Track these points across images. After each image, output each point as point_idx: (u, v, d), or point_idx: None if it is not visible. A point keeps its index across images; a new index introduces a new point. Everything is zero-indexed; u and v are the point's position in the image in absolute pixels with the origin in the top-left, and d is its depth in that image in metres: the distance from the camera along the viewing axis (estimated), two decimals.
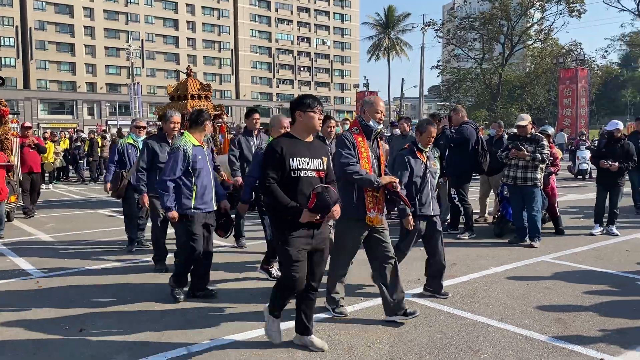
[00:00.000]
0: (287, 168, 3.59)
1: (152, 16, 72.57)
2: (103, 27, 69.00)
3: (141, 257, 6.83)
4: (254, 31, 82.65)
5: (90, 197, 13.88)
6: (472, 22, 47.51)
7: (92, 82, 69.26)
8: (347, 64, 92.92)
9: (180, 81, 12.44)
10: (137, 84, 45.73)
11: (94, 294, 5.29)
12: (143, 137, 7.14)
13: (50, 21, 65.65)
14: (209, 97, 12.23)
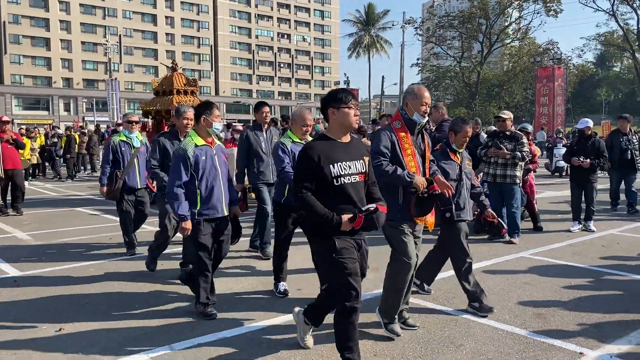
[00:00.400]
0: (329, 176, 3.23)
1: (130, 11, 71.55)
2: (79, 21, 67.80)
3: (123, 257, 6.74)
4: (233, 27, 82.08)
5: (67, 195, 13.66)
6: (452, 20, 47.93)
7: (68, 77, 68.04)
8: (327, 61, 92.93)
9: (165, 76, 12.08)
10: (115, 79, 45.14)
11: (74, 293, 5.21)
12: (136, 132, 6.82)
13: (25, 15, 64.27)
14: (195, 93, 11.87)
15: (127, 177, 6.57)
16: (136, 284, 5.49)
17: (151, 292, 5.19)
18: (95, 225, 8.97)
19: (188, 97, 11.47)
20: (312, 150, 3.25)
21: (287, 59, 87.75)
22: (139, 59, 72.56)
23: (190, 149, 4.37)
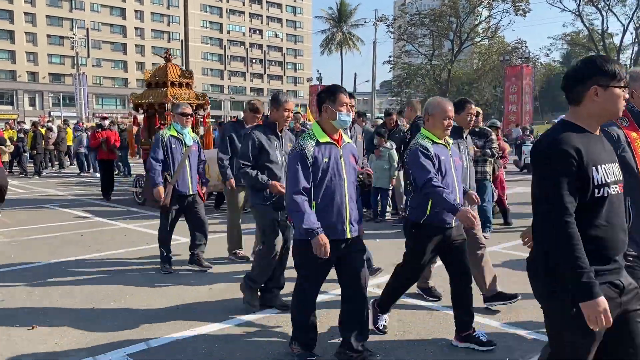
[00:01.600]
0: (590, 185, 2.12)
1: (99, 4, 70.00)
2: (45, 14, 66.04)
3: (96, 254, 6.64)
4: (204, 22, 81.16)
5: (36, 192, 13.34)
6: (423, 18, 48.33)
7: (33, 71, 66.23)
8: (300, 57, 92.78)
9: (159, 66, 11.22)
10: (83, 74, 44.21)
11: (47, 290, 5.12)
12: (188, 127, 5.78)
13: None
14: (190, 85, 11.10)
15: (177, 182, 5.56)
16: (109, 280, 5.41)
17: (127, 287, 5.13)
18: (65, 222, 8.79)
19: (183, 89, 10.77)
20: (568, 145, 2.11)
21: (259, 55, 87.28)
22: (108, 53, 71.13)
23: (310, 147, 3.40)
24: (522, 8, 44.25)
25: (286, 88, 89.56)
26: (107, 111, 66.11)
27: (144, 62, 74.76)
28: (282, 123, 4.68)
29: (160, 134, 5.65)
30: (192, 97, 10.73)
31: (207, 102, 11.06)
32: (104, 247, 6.95)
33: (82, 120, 31.08)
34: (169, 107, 9.95)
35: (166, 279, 5.49)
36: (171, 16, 77.39)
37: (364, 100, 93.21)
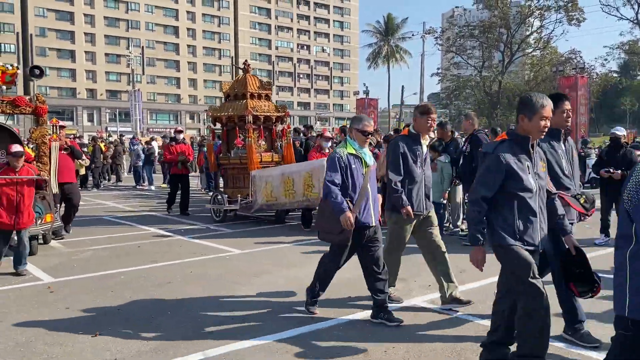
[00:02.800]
0: None
1: (153, 23, 72.84)
2: (104, 33, 69.26)
3: (153, 264, 6.84)
4: (254, 39, 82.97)
5: (94, 204, 13.89)
6: (472, 30, 47.74)
7: (92, 88, 69.39)
8: (346, 71, 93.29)
9: (237, 78, 10.94)
10: (138, 90, 45.98)
11: (108, 298, 5.31)
12: (367, 147, 4.66)
13: (51, 28, 65.87)
14: (269, 97, 10.75)
15: (360, 210, 4.50)
16: (167, 291, 5.56)
17: (183, 299, 5.25)
18: (123, 234, 9.10)
19: (262, 101, 10.44)
20: None
21: (307, 70, 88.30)
22: (161, 70, 73.70)
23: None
24: (576, 17, 43.04)
25: (332, 102, 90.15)
26: (160, 126, 68.46)
27: (196, 78, 77.04)
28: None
29: (337, 152, 4.54)
30: (272, 109, 10.52)
31: (287, 114, 10.78)
32: (162, 257, 7.16)
33: (137, 135, 32.21)
34: (249, 120, 9.88)
35: (221, 290, 5.58)
36: (222, 34, 79.55)
37: (411, 112, 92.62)
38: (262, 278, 6.02)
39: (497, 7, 45.88)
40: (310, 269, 6.34)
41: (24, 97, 8.07)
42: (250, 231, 9.25)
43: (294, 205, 9.19)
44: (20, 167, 6.37)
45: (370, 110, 32.05)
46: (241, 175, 10.16)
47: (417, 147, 4.82)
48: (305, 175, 8.67)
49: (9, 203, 6.24)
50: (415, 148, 4.81)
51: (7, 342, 4.19)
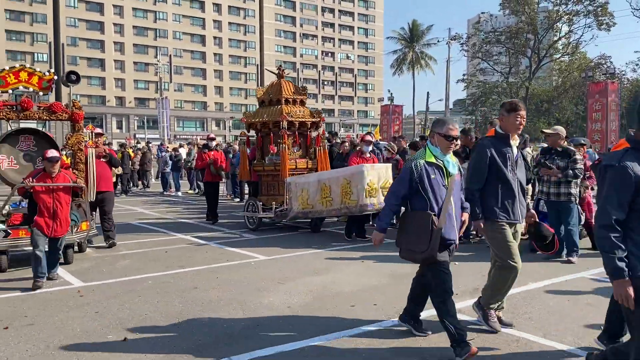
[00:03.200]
0: None
1: (180, 32, 74.06)
2: (132, 42, 70.69)
3: (181, 270, 6.92)
4: (279, 46, 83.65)
5: (123, 210, 14.12)
6: (498, 36, 47.26)
7: (121, 96, 70.79)
8: (371, 78, 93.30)
9: (271, 83, 10.66)
10: (165, 98, 46.72)
11: (136, 303, 5.38)
12: (451, 153, 4.07)
13: (82, 37, 67.52)
14: (304, 102, 10.45)
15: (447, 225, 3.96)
16: (193, 296, 5.61)
17: (209, 305, 5.29)
18: (151, 239, 9.23)
19: (297, 107, 10.21)
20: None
21: (331, 77, 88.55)
22: (188, 78, 74.79)
23: None
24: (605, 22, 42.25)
25: (357, 108, 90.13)
26: (187, 133, 69.44)
27: (222, 86, 77.96)
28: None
29: (413, 161, 4.02)
30: (307, 114, 10.25)
31: (322, 119, 10.46)
32: (188, 263, 7.23)
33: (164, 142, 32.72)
34: (284, 126, 9.73)
35: (247, 296, 5.60)
36: (248, 42, 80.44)
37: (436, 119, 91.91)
38: (287, 285, 6.03)
39: (524, 13, 45.37)
40: (335, 276, 6.35)
41: (60, 103, 8.07)
42: (277, 238, 9.27)
43: (332, 213, 8.98)
44: (57, 173, 6.27)
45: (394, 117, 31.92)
46: (275, 182, 9.98)
47: (506, 149, 4.31)
48: (343, 182, 8.48)
49: (46, 210, 6.17)
50: (505, 150, 4.30)
51: (39, 344, 4.28)
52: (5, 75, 7.62)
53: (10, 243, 6.74)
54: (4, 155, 7.73)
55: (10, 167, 7.75)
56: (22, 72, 7.72)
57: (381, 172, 8.59)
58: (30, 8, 64.46)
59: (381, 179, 8.49)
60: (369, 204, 8.28)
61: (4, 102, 7.63)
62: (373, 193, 8.33)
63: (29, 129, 8.16)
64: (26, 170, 7.47)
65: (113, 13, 69.35)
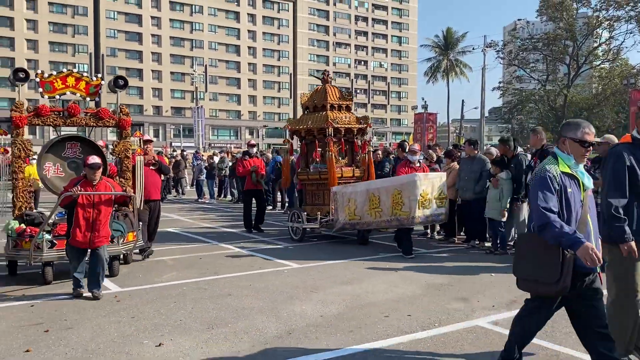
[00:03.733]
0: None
1: (216, 42, 75.43)
2: (169, 53, 72.31)
3: (215, 277, 6.98)
4: (312, 55, 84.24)
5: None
6: (535, 42, 46.42)
7: (158, 105, 72.40)
8: (404, 86, 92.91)
9: (316, 89, 10.27)
10: (201, 107, 47.54)
11: (171, 309, 5.45)
12: (583, 163, 3.45)
13: (121, 48, 69.45)
14: (350, 108, 10.05)
15: None
16: (226, 303, 5.65)
17: (242, 312, 5.31)
18: (186, 246, 9.35)
19: (343, 112, 9.80)
20: None
21: (364, 85, 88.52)
22: (223, 87, 76.00)
23: None
24: None
25: (390, 117, 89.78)
26: (221, 141, 70.48)
27: (256, 95, 78.90)
28: None
29: (548, 170, 3.34)
30: (353, 120, 9.81)
31: (369, 126, 9.99)
32: (222, 270, 7.29)
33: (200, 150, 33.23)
34: (329, 132, 9.35)
35: (279, 304, 5.60)
36: (281, 51, 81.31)
37: (471, 127, 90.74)
38: (319, 293, 6.01)
39: (562, 19, 44.48)
40: (368, 286, 6.29)
41: (107, 109, 7.94)
42: (311, 247, 9.26)
43: (381, 225, 8.42)
44: (98, 180, 5.99)
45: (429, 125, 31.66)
46: (321, 191, 9.62)
47: None
48: (394, 192, 7.99)
49: (85, 219, 5.87)
50: None
51: (77, 348, 4.37)
52: (52, 80, 7.46)
53: (56, 254, 6.49)
54: (50, 163, 7.48)
55: (56, 174, 7.51)
56: (70, 77, 7.55)
57: (435, 182, 8.08)
58: (72, 20, 66.79)
59: (435, 189, 8.02)
60: (421, 216, 7.87)
61: (51, 108, 7.48)
62: (426, 204, 7.87)
63: (76, 136, 7.97)
64: None
65: (151, 24, 71.17)
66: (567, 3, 44.44)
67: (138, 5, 70.46)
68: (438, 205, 8.04)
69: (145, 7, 70.64)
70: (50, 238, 6.54)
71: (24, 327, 4.90)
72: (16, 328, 4.89)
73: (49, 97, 7.59)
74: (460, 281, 6.50)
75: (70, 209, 5.97)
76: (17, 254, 6.62)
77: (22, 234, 6.68)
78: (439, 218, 8.33)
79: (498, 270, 7.02)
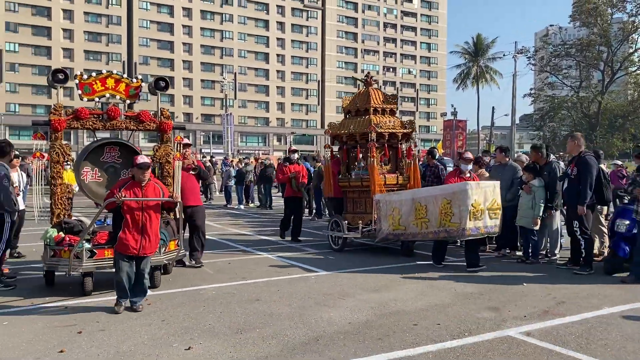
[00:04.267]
0: None
1: (245, 50, 76.33)
2: (200, 61, 73.48)
3: (244, 282, 7.02)
4: (340, 62, 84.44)
5: None
6: (568, 48, 45.60)
7: (188, 112, 73.55)
8: (433, 93, 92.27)
9: (359, 92, 9.84)
10: (230, 114, 48.08)
11: (200, 313, 5.50)
12: None
13: (153, 56, 70.89)
14: (394, 112, 9.57)
15: None
16: (255, 308, 5.67)
17: (270, 317, 5.33)
18: (215, 251, 9.43)
19: (386, 117, 9.33)
20: None
21: (392, 92, 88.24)
22: (252, 94, 76.78)
23: None
24: None
25: (419, 123, 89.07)
26: (249, 148, 71.13)
27: (284, 102, 79.42)
28: None
29: None
30: (397, 125, 9.31)
31: (413, 130, 9.52)
32: (250, 275, 7.33)
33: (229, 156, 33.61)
34: (372, 137, 8.89)
35: (307, 310, 5.60)
36: (309, 58, 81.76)
37: (501, 134, 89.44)
38: (347, 300, 5.98)
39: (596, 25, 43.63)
40: (397, 294, 6.24)
41: (148, 111, 7.55)
42: (340, 254, 9.24)
43: (428, 236, 7.85)
44: (147, 181, 5.64)
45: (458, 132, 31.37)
46: (362, 199, 9.17)
47: None
48: (442, 201, 7.45)
49: (134, 224, 5.50)
50: None
51: (109, 349, 4.45)
52: (92, 82, 7.13)
53: (95, 264, 6.22)
54: (88, 168, 7.21)
55: (94, 180, 7.22)
56: (109, 78, 7.23)
57: (488, 191, 7.49)
58: (106, 29, 68.53)
59: (488, 198, 7.43)
60: (473, 228, 7.27)
61: (90, 111, 7.13)
62: (478, 215, 7.30)
63: (114, 140, 7.53)
64: (110, 184, 6.88)
65: (182, 33, 72.46)
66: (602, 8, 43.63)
67: (170, 14, 71.90)
68: (491, 217, 7.47)
69: (177, 16, 72.02)
70: (90, 247, 6.26)
71: (58, 328, 5.01)
72: (50, 329, 5.00)
73: (88, 99, 7.20)
74: (491, 290, 6.39)
75: (118, 213, 5.62)
76: (55, 263, 6.32)
77: (60, 242, 6.36)
78: (491, 230, 7.59)
79: (530, 280, 6.88)
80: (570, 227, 7.48)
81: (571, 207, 7.48)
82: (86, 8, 67.21)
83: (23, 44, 63.68)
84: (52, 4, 65.14)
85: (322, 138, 76.28)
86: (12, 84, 63.18)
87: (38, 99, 64.27)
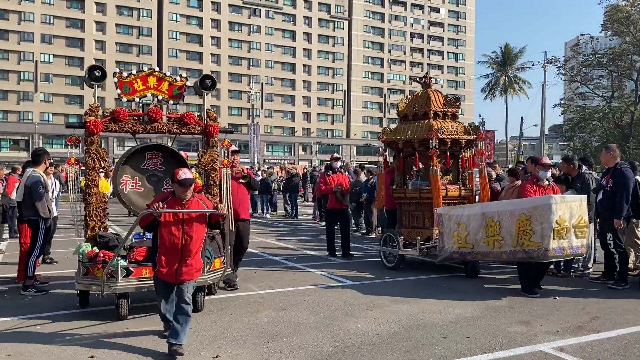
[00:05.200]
0: None
1: (272, 61, 77.05)
2: (228, 71, 74.47)
3: (269, 290, 7.02)
4: (366, 72, 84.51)
5: None
6: (600, 58, 44.72)
7: None
8: (460, 103, 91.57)
9: (416, 94, 9.02)
10: (256, 124, 48.45)
11: (227, 321, 5.51)
12: None
13: (182, 67, 72.06)
14: (456, 116, 8.79)
15: None
16: (281, 317, 5.66)
17: (297, 326, 5.31)
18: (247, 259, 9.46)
19: (448, 121, 8.49)
20: None
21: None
22: (278, 104, 77.37)
23: None
24: None
25: None
26: (275, 157, 71.54)
27: (310, 112, 79.80)
28: None
29: None
30: (461, 130, 8.47)
31: (480, 137, 8.65)
32: (276, 284, 7.33)
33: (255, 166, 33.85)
34: (433, 144, 8.03)
35: (333, 320, 5.56)
36: (336, 69, 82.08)
37: (530, 145, 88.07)
38: (375, 311, 5.92)
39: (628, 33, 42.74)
40: (425, 306, 6.16)
41: (192, 113, 6.79)
42: (366, 263, 9.18)
43: (501, 257, 6.96)
44: (189, 199, 4.67)
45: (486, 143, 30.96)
46: (420, 212, 8.34)
47: None
48: (521, 217, 6.55)
49: (172, 246, 4.58)
50: None
51: (139, 356, 4.48)
52: (132, 80, 6.35)
53: (132, 284, 5.48)
54: (128, 176, 6.35)
55: (134, 189, 6.35)
56: (151, 77, 6.46)
57: (574, 206, 6.61)
58: (137, 41, 70.11)
59: (574, 215, 6.56)
60: (557, 248, 6.39)
61: (129, 112, 6.38)
62: (563, 234, 6.41)
63: (155, 144, 6.65)
64: (151, 195, 6.14)
65: (211, 44, 73.61)
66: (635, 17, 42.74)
67: (199, 26, 73.14)
68: (577, 236, 6.58)
69: (205, 28, 73.24)
70: (126, 264, 5.51)
71: (89, 334, 5.08)
72: (81, 334, 5.07)
73: (127, 100, 6.39)
74: (522, 304, 6.26)
75: (155, 231, 4.72)
76: (89, 282, 5.58)
77: (94, 258, 5.63)
78: (578, 251, 6.68)
79: (562, 294, 6.71)
80: (604, 240, 7.29)
81: (605, 220, 7.29)
82: (118, 20, 68.92)
83: (57, 55, 65.54)
84: (86, 16, 66.97)
85: (347, 148, 76.45)
86: (46, 93, 65.09)
87: (71, 109, 65.88)
